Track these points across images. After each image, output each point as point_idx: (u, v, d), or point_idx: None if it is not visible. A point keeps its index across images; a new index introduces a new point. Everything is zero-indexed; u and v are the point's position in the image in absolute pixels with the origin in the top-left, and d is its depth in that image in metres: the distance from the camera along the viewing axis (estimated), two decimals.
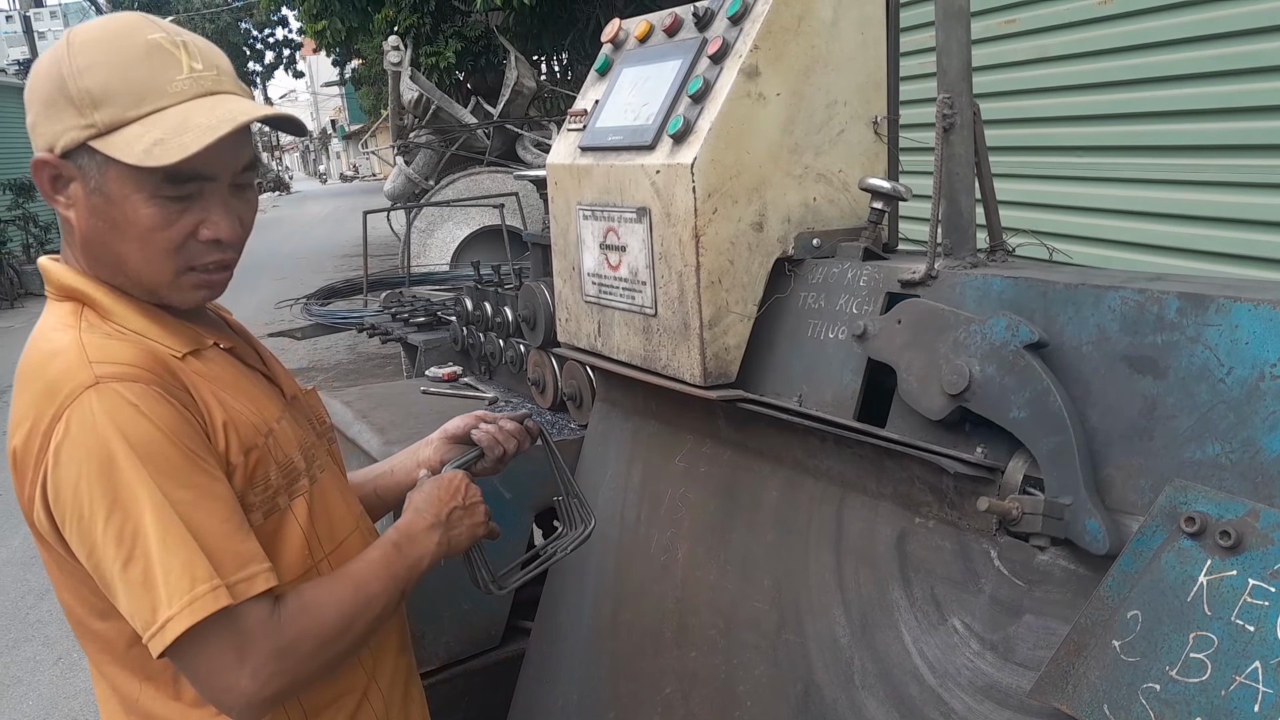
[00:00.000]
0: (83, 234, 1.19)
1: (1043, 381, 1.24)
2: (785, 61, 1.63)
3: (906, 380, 1.41)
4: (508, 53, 9.77)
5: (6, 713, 3.86)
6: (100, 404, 1.09)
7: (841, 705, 1.45)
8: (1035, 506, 1.21)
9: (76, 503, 1.09)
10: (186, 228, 1.19)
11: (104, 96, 1.14)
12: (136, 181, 1.15)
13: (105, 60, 1.15)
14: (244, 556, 1.14)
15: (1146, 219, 3.82)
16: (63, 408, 1.10)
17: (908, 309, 1.44)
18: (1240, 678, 0.99)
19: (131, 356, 1.15)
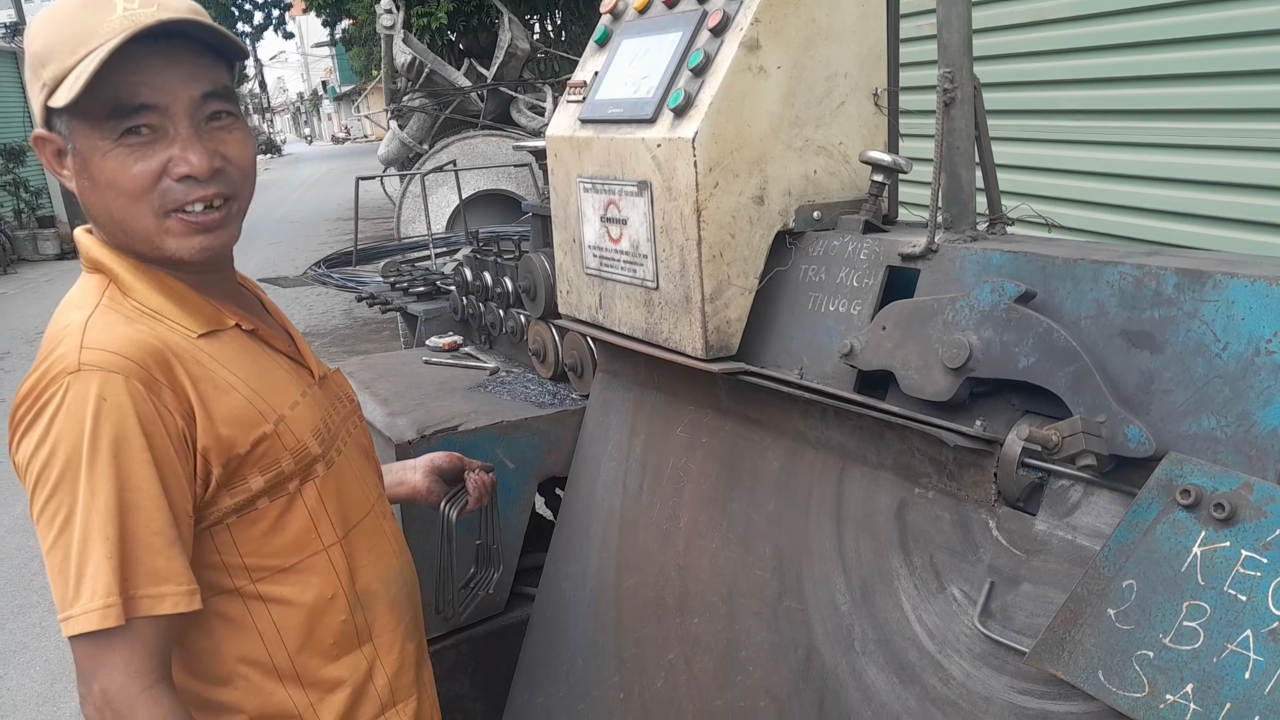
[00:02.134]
0: (84, 200, 1.22)
1: (1042, 324, 1.26)
2: (786, 34, 1.63)
3: (906, 376, 1.42)
4: (500, 14, 9.66)
5: (14, 678, 3.91)
6: (72, 392, 1.12)
7: (842, 671, 1.49)
8: (1073, 427, 1.20)
9: (28, 476, 1.14)
10: (153, 168, 1.17)
11: (48, 54, 1.16)
12: (98, 130, 1.16)
13: (49, 20, 1.18)
14: (161, 574, 1.13)
15: (1146, 183, 3.82)
16: (46, 388, 1.13)
17: (889, 313, 1.46)
18: (1232, 645, 1.02)
19: (123, 345, 1.15)
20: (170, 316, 1.22)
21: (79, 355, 1.14)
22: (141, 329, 1.19)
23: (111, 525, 1.10)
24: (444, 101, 9.18)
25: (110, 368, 1.13)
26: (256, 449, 1.23)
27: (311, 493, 1.30)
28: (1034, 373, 1.28)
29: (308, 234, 15.67)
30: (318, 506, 1.31)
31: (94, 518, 1.10)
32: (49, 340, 1.19)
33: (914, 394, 1.42)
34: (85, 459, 1.11)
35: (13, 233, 16.03)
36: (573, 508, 2.16)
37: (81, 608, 1.09)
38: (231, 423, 1.21)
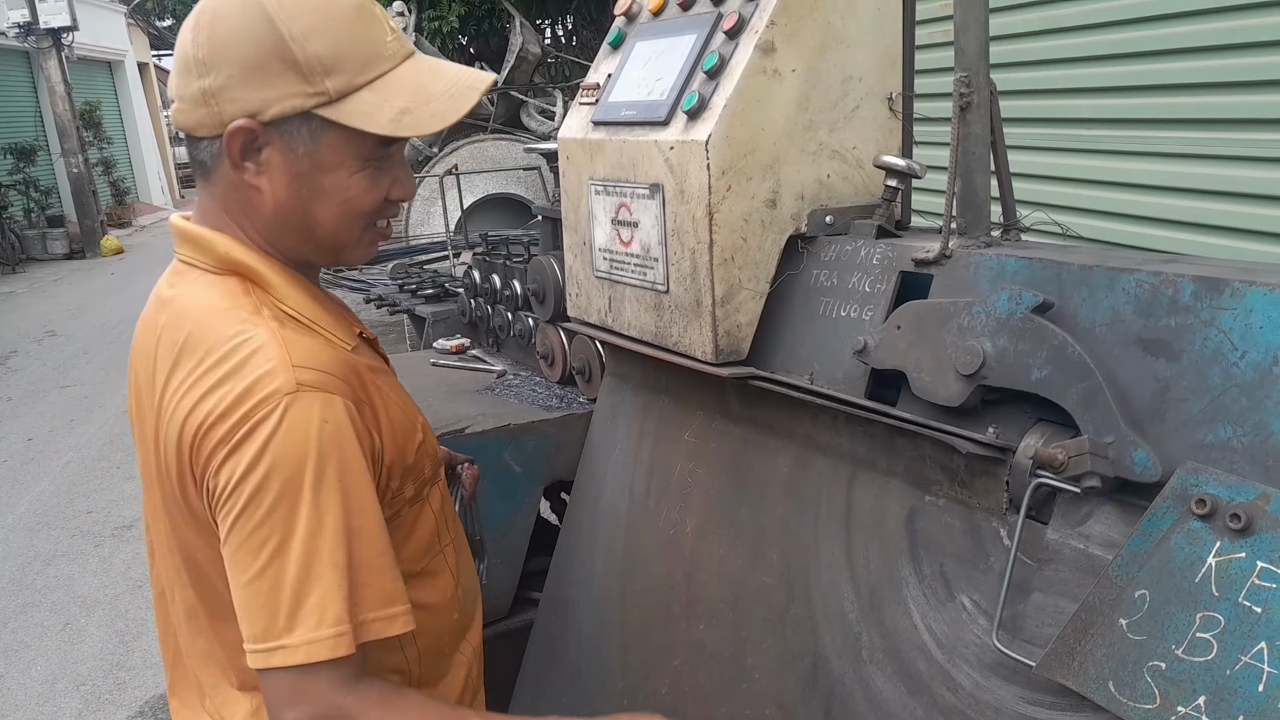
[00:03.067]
0: (277, 202, 1.15)
1: (1058, 337, 1.25)
2: (801, 37, 1.62)
3: (918, 378, 1.41)
4: (511, 17, 9.68)
5: (14, 677, 3.91)
6: (294, 416, 1.06)
7: (849, 679, 1.48)
8: (1080, 448, 1.20)
9: (234, 499, 1.06)
10: (384, 190, 1.19)
11: (335, 63, 1.10)
12: (353, 149, 1.14)
13: (326, 24, 1.11)
14: (389, 595, 1.11)
15: (1160, 193, 3.80)
16: (257, 409, 1.06)
17: (904, 313, 1.45)
18: (1246, 658, 1.01)
19: (330, 364, 1.13)
20: (325, 327, 1.19)
21: (293, 374, 1.08)
22: (326, 344, 1.16)
23: (341, 552, 1.06)
24: None
25: (328, 388, 1.09)
26: (414, 458, 1.23)
27: (436, 495, 1.32)
28: (1046, 386, 1.27)
29: None
30: (439, 508, 1.33)
31: (321, 545, 1.05)
32: (219, 350, 1.10)
33: (925, 396, 1.41)
34: (310, 484, 1.05)
35: (22, 232, 16.08)
36: (579, 512, 2.16)
37: (302, 638, 1.04)
38: (400, 434, 1.21)
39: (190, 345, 1.13)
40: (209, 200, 1.20)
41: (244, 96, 1.10)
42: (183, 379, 1.12)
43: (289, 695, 1.07)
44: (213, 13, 1.11)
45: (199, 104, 1.12)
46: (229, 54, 1.10)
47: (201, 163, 1.17)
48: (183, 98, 1.13)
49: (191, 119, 1.13)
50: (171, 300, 1.19)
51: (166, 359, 1.15)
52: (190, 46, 1.12)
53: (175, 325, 1.16)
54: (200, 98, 1.11)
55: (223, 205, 1.19)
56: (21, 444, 6.71)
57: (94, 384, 8.05)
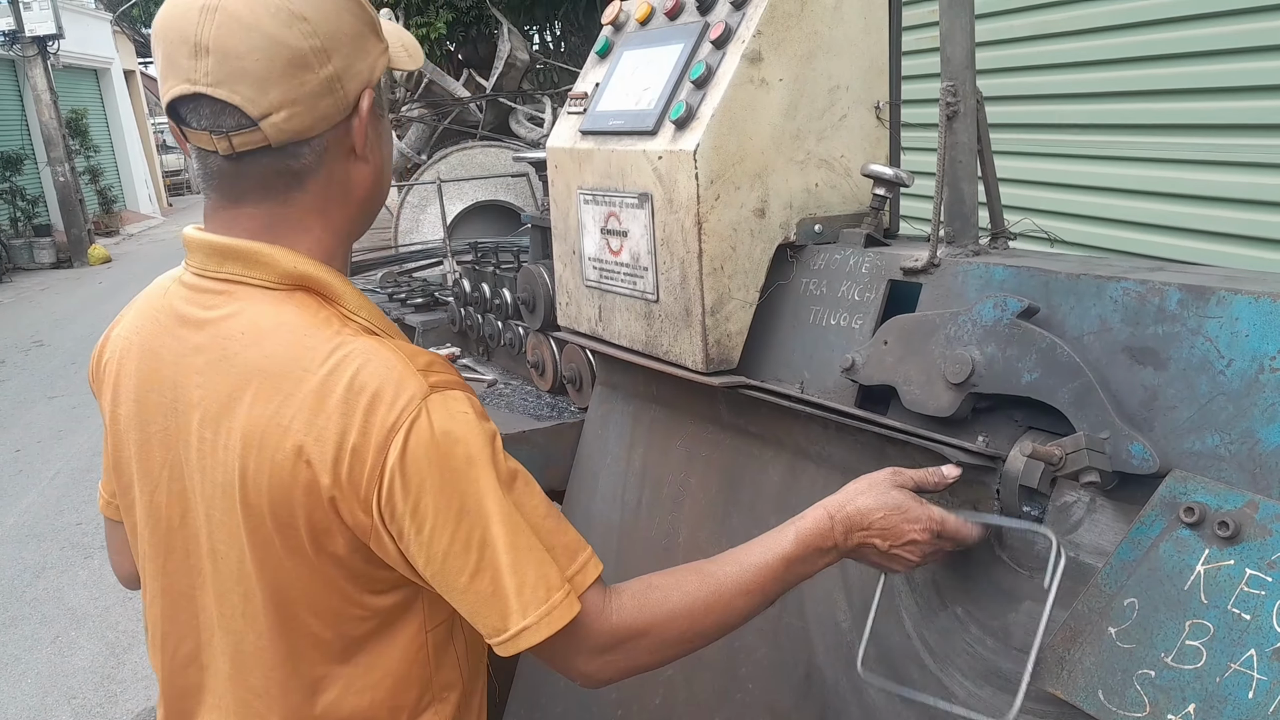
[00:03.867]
0: (376, 169, 1.17)
1: (1045, 339, 1.26)
2: (788, 47, 1.63)
3: (909, 392, 1.42)
4: (499, 24, 9.68)
5: (4, 691, 3.89)
6: (440, 413, 1.05)
7: (843, 688, 1.48)
8: (1077, 443, 1.20)
9: (419, 515, 1.04)
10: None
11: (377, 23, 1.15)
12: (380, 97, 1.17)
13: None
14: (572, 547, 1.12)
15: (1147, 198, 3.83)
16: (401, 419, 1.03)
17: (890, 328, 1.46)
18: (1235, 665, 1.01)
19: (436, 361, 1.12)
20: (396, 334, 1.17)
21: (423, 379, 1.06)
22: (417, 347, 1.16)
23: (530, 523, 1.08)
24: (443, 112, 9.19)
25: (455, 385, 1.10)
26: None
27: None
28: (1037, 388, 1.27)
29: None
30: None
31: (517, 523, 1.07)
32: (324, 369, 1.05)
33: (916, 409, 1.41)
34: (480, 473, 1.05)
35: (9, 241, 16.02)
36: (571, 521, 2.15)
37: (539, 615, 1.06)
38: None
39: (272, 369, 1.07)
40: (285, 212, 1.12)
41: (360, 68, 1.10)
42: (280, 405, 1.06)
43: (569, 651, 1.10)
44: (300, 2, 1.06)
45: (322, 95, 1.07)
46: (340, 32, 1.08)
47: (295, 173, 1.10)
48: (296, 99, 1.05)
49: (310, 118, 1.07)
50: (211, 323, 1.12)
51: (229, 386, 1.09)
52: (297, 39, 1.04)
53: (235, 349, 1.09)
54: (325, 88, 1.07)
55: (310, 209, 1.13)
56: (10, 455, 6.68)
57: (83, 394, 8.02)
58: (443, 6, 10.53)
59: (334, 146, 1.11)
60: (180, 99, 1.06)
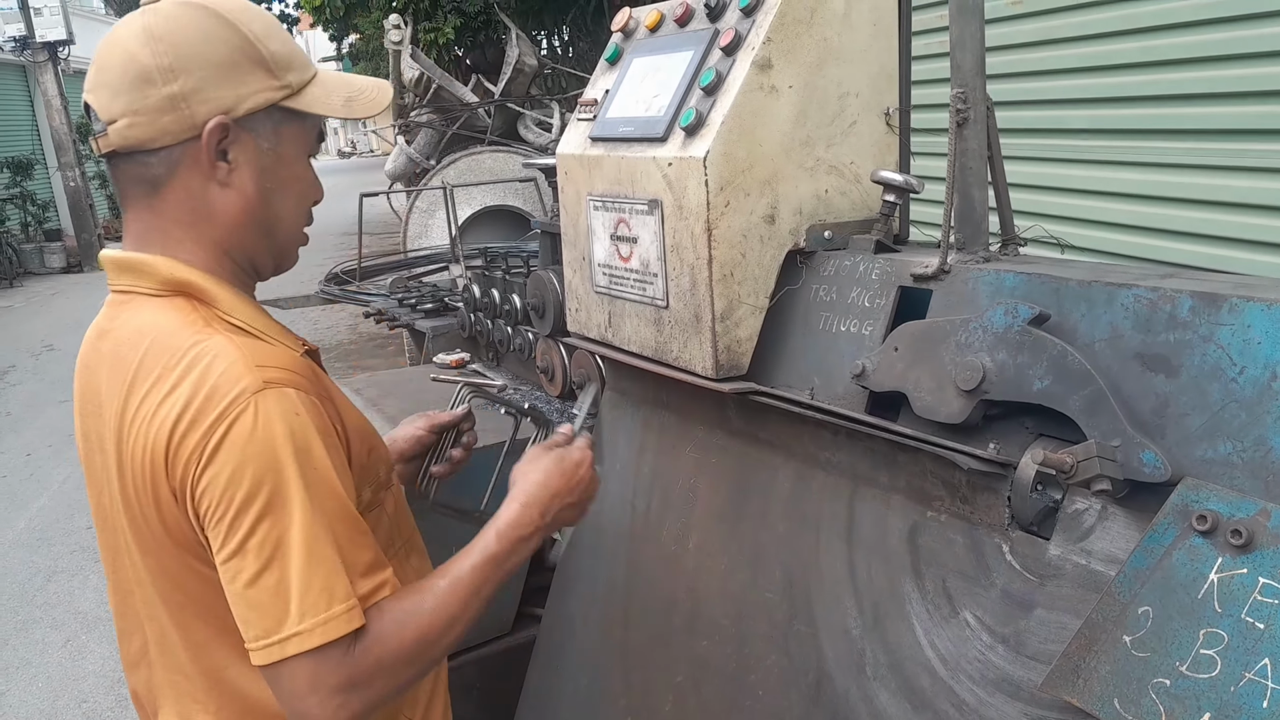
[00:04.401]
0: (246, 199, 1.22)
1: (1056, 346, 1.25)
2: (798, 54, 1.63)
3: (919, 398, 1.41)
4: (508, 29, 9.70)
5: (16, 695, 3.90)
6: (266, 410, 1.10)
7: (853, 695, 1.47)
8: (1088, 451, 1.19)
9: (224, 503, 1.09)
10: (318, 187, 1.32)
11: (289, 60, 1.22)
12: (303, 141, 1.25)
13: (272, 28, 1.22)
14: (374, 565, 1.15)
15: (1157, 203, 3.81)
16: (227, 411, 1.09)
17: (901, 334, 1.45)
18: (1250, 674, 1.01)
19: (287, 361, 1.17)
20: (274, 336, 1.22)
21: (258, 375, 1.11)
22: (280, 348, 1.20)
23: (333, 533, 1.11)
24: (451, 117, 9.21)
25: (291, 383, 1.14)
26: (370, 460, 1.27)
27: (390, 502, 1.36)
28: (1048, 396, 1.27)
29: (314, 248, 15.69)
30: (393, 516, 1.36)
31: (318, 531, 1.10)
32: (177, 362, 1.13)
33: (927, 416, 1.41)
34: (294, 475, 1.09)
35: (19, 246, 16.09)
36: (580, 527, 2.15)
37: (315, 621, 1.08)
38: (356, 436, 1.25)
39: (146, 366, 1.15)
40: (153, 220, 1.22)
41: (218, 95, 1.17)
42: (142, 399, 1.14)
43: (308, 681, 1.10)
44: (163, 24, 1.17)
45: (164, 111, 1.16)
46: (200, 56, 1.16)
47: (151, 180, 1.19)
48: (138, 110, 1.15)
49: (151, 130, 1.16)
50: (112, 331, 1.22)
51: (119, 387, 1.17)
52: (147, 57, 1.15)
53: (124, 352, 1.18)
54: (168, 104, 1.16)
55: (173, 220, 1.21)
56: (21, 459, 6.71)
57: None
58: (451, 12, 10.56)
59: (188, 163, 1.19)
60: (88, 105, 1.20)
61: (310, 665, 1.09)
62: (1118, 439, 1.19)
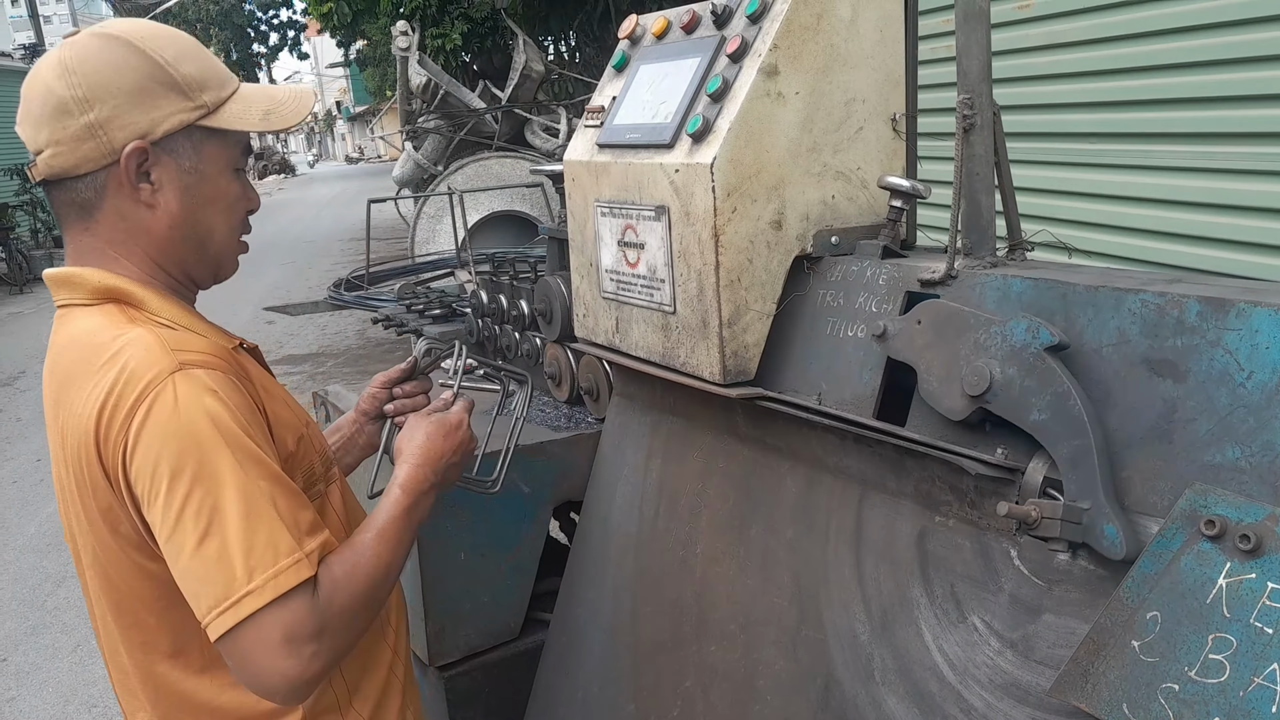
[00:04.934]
0: (172, 217, 1.26)
1: (1063, 384, 1.25)
2: (804, 60, 1.64)
3: (927, 381, 1.42)
4: (515, 35, 9.73)
5: (26, 699, 3.91)
6: (184, 389, 1.14)
7: (861, 701, 1.47)
8: (1054, 511, 1.22)
9: (156, 482, 1.13)
10: (250, 197, 1.35)
11: (203, 81, 1.26)
12: (227, 156, 1.29)
13: (186, 51, 1.26)
14: (306, 527, 1.19)
15: (1164, 206, 3.81)
16: (145, 392, 1.13)
17: (927, 310, 1.45)
18: (1258, 679, 1.01)
19: (205, 346, 1.22)
20: (201, 332, 1.27)
21: (173, 357, 1.17)
22: (199, 337, 1.24)
23: (270, 494, 1.15)
24: (459, 123, 9.24)
25: (208, 364, 1.19)
26: (299, 449, 1.31)
27: (336, 495, 1.40)
28: (1042, 431, 1.27)
29: (322, 254, 15.76)
30: (342, 509, 1.40)
31: (253, 491, 1.14)
32: (97, 358, 1.18)
33: (930, 401, 1.41)
34: (222, 444, 1.13)
35: (29, 252, 16.17)
36: (588, 532, 2.16)
37: (265, 578, 1.12)
38: (281, 424, 1.29)
39: (75, 367, 1.21)
40: (89, 240, 1.26)
41: (134, 121, 1.21)
42: (73, 397, 1.20)
43: (281, 635, 1.12)
44: (76, 57, 1.21)
45: (83, 139, 1.20)
46: (112, 85, 1.20)
47: (81, 204, 1.24)
48: (59, 140, 1.20)
49: (73, 158, 1.21)
50: (55, 342, 1.28)
51: (56, 392, 1.24)
52: (62, 89, 1.19)
53: (60, 359, 1.25)
54: (85, 133, 1.20)
55: (107, 240, 1.26)
56: (31, 464, 6.73)
57: None
58: (458, 18, 10.60)
59: (113, 187, 1.23)
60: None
61: (278, 619, 1.12)
62: (1089, 501, 1.20)
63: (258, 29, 30.88)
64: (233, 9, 29.00)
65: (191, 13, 27.48)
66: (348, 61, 26.07)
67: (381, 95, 24.74)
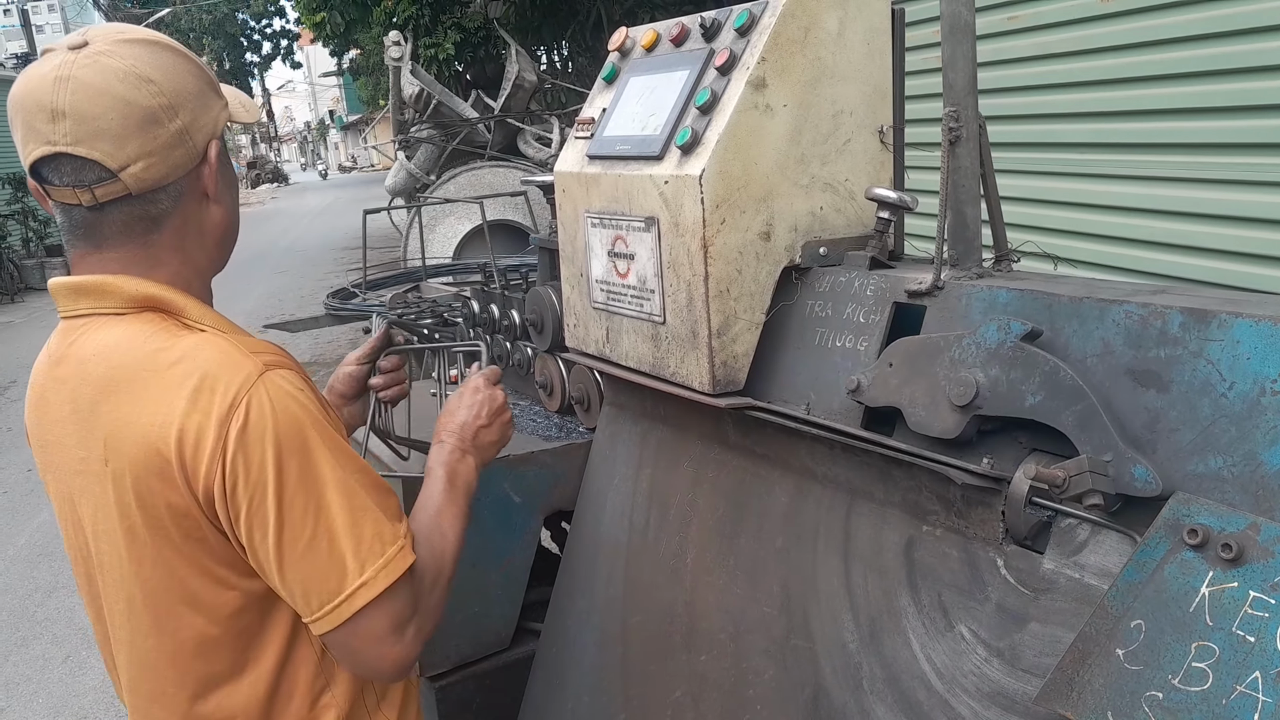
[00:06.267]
0: (225, 211, 1.30)
1: (1049, 362, 1.27)
2: (792, 73, 1.65)
3: (914, 414, 1.43)
4: (507, 45, 9.75)
5: (16, 711, 3.90)
6: (274, 389, 1.16)
7: (850, 710, 1.48)
8: (1080, 466, 1.21)
9: (260, 486, 1.13)
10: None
11: (216, 83, 1.29)
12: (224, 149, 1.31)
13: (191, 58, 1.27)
14: (399, 513, 1.24)
15: (1147, 215, 3.84)
16: (240, 395, 1.14)
17: (895, 350, 1.47)
18: (1241, 687, 1.01)
19: (270, 348, 1.24)
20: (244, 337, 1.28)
21: (255, 360, 1.18)
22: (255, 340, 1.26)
23: (362, 486, 1.19)
24: (451, 133, 9.25)
25: (287, 365, 1.22)
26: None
27: None
28: (1041, 411, 1.28)
29: (314, 263, 15.74)
30: None
31: (351, 485, 1.18)
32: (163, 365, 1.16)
33: (921, 431, 1.42)
34: (315, 443, 1.16)
35: (20, 261, 16.12)
36: (579, 542, 2.16)
37: (377, 568, 1.17)
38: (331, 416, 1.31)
39: (119, 375, 1.17)
40: (140, 253, 1.22)
41: (206, 122, 1.24)
42: (122, 407, 1.16)
43: (389, 624, 1.18)
44: (147, 66, 1.18)
45: (175, 146, 1.20)
46: (186, 90, 1.21)
47: (154, 217, 1.22)
48: (151, 151, 1.17)
49: (165, 167, 1.19)
50: (69, 355, 1.23)
51: (85, 404, 1.20)
52: (147, 99, 1.17)
53: (88, 370, 1.20)
54: (177, 139, 1.20)
55: (171, 248, 1.24)
56: (21, 475, 6.71)
57: None
58: (451, 28, 10.62)
59: (188, 192, 1.24)
60: (42, 160, 1.17)
61: (386, 608, 1.18)
62: (1109, 454, 1.20)
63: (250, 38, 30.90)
64: (225, 18, 29.00)
65: (184, 22, 27.47)
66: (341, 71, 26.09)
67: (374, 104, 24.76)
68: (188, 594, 1.21)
